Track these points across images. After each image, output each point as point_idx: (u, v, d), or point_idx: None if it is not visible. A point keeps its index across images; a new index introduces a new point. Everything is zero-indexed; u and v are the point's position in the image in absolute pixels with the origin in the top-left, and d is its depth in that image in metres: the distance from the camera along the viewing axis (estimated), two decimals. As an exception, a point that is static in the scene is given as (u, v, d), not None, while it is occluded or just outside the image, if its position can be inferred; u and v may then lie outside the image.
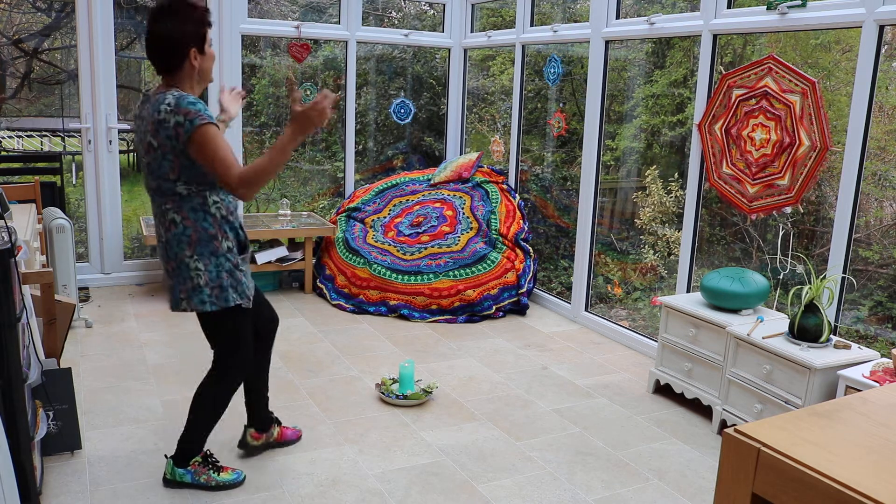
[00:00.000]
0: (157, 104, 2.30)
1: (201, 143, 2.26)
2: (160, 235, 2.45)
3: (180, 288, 2.43)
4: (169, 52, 2.34)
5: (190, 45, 2.35)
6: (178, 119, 2.26)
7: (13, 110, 6.20)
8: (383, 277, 4.76)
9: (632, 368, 3.96)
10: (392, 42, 5.99)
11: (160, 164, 2.33)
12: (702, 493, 2.73)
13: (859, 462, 0.78)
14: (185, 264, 2.40)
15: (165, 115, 2.27)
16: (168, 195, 2.38)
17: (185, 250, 2.39)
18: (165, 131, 2.28)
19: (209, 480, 2.62)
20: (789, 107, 3.24)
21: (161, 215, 2.42)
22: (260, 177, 2.28)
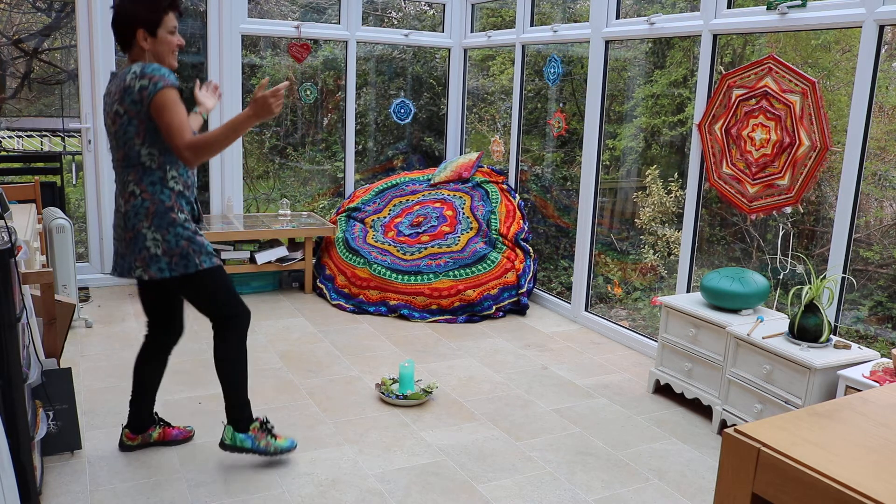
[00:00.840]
0: (124, 75, 2.41)
1: (161, 104, 2.36)
2: (119, 206, 2.53)
3: (135, 257, 2.49)
4: (120, 29, 2.45)
5: (137, 26, 2.42)
6: (143, 83, 2.36)
7: (13, 110, 6.20)
8: (383, 277, 4.76)
9: (632, 368, 3.96)
10: (392, 42, 5.99)
11: (125, 129, 2.42)
12: (702, 493, 2.73)
13: (859, 462, 0.78)
14: (143, 235, 2.47)
15: (130, 81, 2.37)
16: (132, 166, 2.46)
17: (143, 221, 2.46)
18: (130, 96, 2.37)
19: (268, 446, 2.72)
20: (789, 107, 3.24)
21: (122, 186, 2.50)
22: (207, 147, 2.40)
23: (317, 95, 5.62)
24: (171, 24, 2.49)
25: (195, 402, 3.33)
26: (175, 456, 2.84)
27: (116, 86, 2.43)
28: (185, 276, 2.52)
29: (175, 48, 2.53)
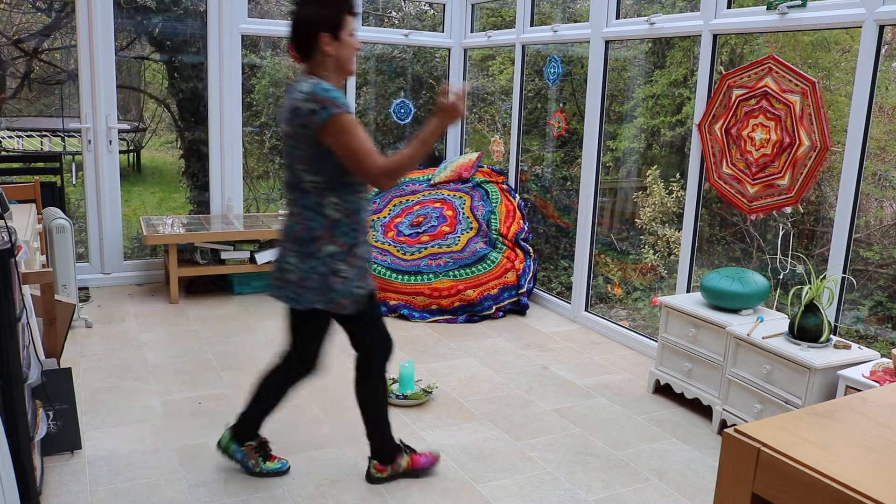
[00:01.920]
0: (293, 91, 2.30)
1: (337, 131, 2.24)
2: (287, 227, 2.44)
3: (297, 286, 2.39)
4: (302, 36, 2.31)
5: (321, 30, 2.29)
6: (312, 107, 2.23)
7: (13, 110, 6.20)
8: (383, 277, 4.76)
9: (632, 368, 3.96)
10: (392, 42, 5.99)
11: (292, 152, 2.33)
12: (702, 493, 2.73)
13: (859, 462, 0.78)
14: (286, 258, 2.41)
15: (300, 103, 2.25)
16: (296, 188, 2.37)
17: (289, 244, 2.40)
18: (299, 118, 2.26)
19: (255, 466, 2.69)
20: (789, 107, 3.24)
21: (293, 205, 2.40)
22: (403, 167, 2.29)
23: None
24: (352, 26, 2.36)
25: (195, 402, 3.33)
26: (175, 456, 2.84)
27: (287, 102, 2.32)
28: (298, 311, 2.43)
29: (356, 51, 2.41)
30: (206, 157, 5.37)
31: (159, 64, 6.19)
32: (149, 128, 7.59)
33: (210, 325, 4.37)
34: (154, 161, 8.12)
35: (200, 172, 5.79)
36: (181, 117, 6.02)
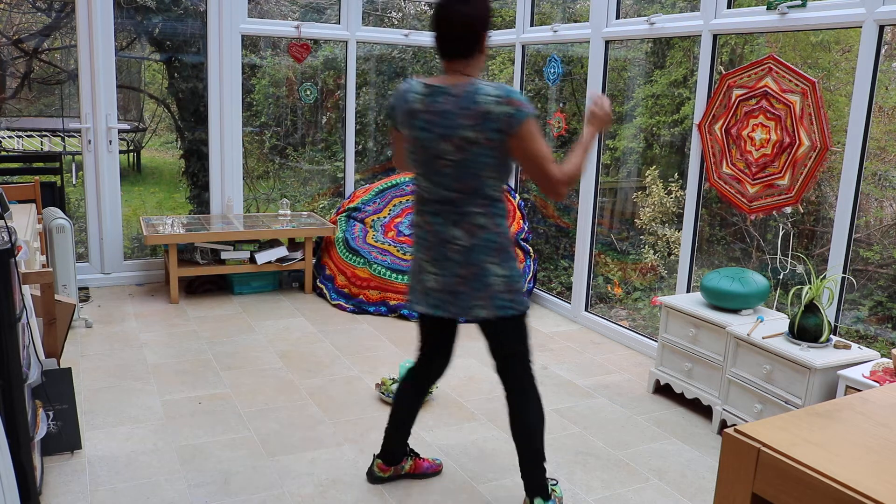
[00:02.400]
0: (472, 94, 2.13)
1: (528, 135, 2.14)
2: (456, 239, 2.24)
3: (477, 295, 2.27)
4: (471, 35, 2.17)
5: (486, 29, 2.21)
6: (508, 110, 2.11)
7: (13, 110, 6.20)
8: (383, 277, 4.76)
9: (632, 368, 3.96)
10: (392, 42, 5.99)
11: (476, 160, 2.16)
12: (702, 493, 2.73)
13: (859, 462, 0.78)
14: (489, 270, 2.25)
15: (490, 106, 2.11)
16: (479, 196, 2.21)
17: (492, 256, 2.24)
18: (493, 123, 2.12)
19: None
20: (789, 107, 3.24)
21: (460, 217, 2.23)
22: (579, 175, 2.23)
23: (317, 95, 5.63)
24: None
25: (195, 402, 3.33)
26: (175, 456, 2.84)
27: (459, 105, 2.14)
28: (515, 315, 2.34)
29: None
30: (206, 157, 5.37)
31: (159, 64, 6.19)
32: (149, 128, 7.59)
33: (210, 325, 4.37)
34: (154, 161, 8.13)
35: (200, 172, 5.79)
36: (181, 117, 6.03)
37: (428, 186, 2.27)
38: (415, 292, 2.40)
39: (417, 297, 2.39)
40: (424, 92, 2.22)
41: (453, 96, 2.17)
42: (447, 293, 2.30)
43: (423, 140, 2.22)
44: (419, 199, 2.33)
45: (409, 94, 2.26)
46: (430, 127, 2.20)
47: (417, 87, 2.25)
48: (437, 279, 2.30)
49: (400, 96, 2.29)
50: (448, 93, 2.18)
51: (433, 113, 2.19)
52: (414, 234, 2.38)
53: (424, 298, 2.36)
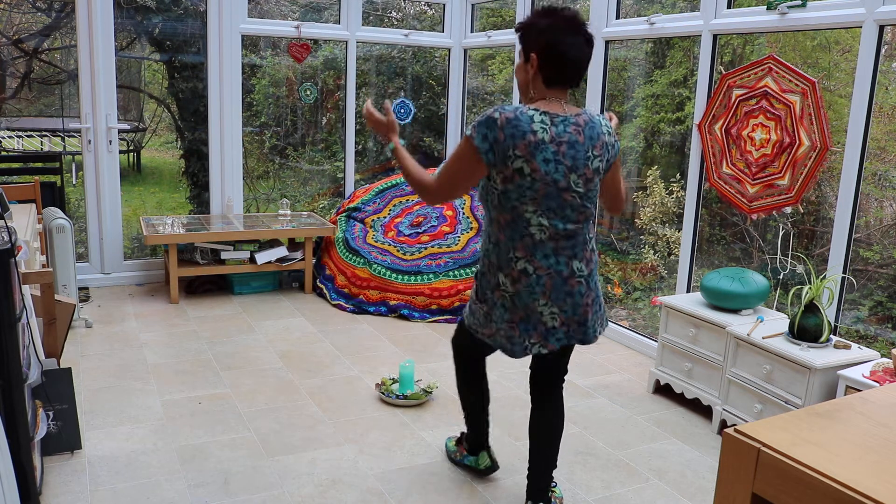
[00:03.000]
0: (597, 126, 2.18)
1: (618, 165, 2.30)
2: (575, 270, 2.21)
3: (597, 317, 2.30)
4: (586, 68, 2.23)
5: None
6: (614, 141, 2.23)
7: (13, 110, 6.20)
8: (383, 277, 4.76)
9: (632, 368, 3.96)
10: (392, 42, 5.99)
11: (598, 189, 2.23)
12: (702, 493, 2.73)
13: (859, 462, 0.78)
14: (600, 292, 2.33)
15: (609, 138, 2.21)
16: (591, 222, 2.26)
17: (597, 277, 2.32)
18: (609, 154, 2.21)
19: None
20: (789, 107, 3.24)
21: (582, 246, 2.22)
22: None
23: (317, 95, 5.63)
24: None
25: (195, 402, 3.33)
26: (175, 456, 2.84)
27: (590, 136, 2.15)
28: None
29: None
30: (206, 157, 5.37)
31: (159, 64, 6.19)
32: (149, 128, 7.59)
33: (210, 325, 4.37)
34: (154, 161, 8.13)
35: (200, 172, 5.79)
36: (181, 117, 6.03)
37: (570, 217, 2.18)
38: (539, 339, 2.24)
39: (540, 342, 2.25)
40: (555, 119, 2.12)
41: (584, 125, 2.16)
42: (574, 323, 2.25)
43: (561, 170, 2.11)
44: (535, 250, 2.17)
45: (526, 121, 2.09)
46: (564, 157, 2.11)
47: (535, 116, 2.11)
48: (561, 312, 2.22)
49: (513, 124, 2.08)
50: (573, 121, 2.15)
51: (564, 143, 2.11)
52: (522, 281, 2.18)
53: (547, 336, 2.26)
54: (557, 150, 2.10)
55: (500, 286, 2.22)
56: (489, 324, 2.30)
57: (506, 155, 2.08)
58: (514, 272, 2.18)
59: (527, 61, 2.17)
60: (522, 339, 2.23)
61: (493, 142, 2.08)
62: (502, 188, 2.13)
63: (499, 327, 2.26)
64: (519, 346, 2.24)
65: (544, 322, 2.21)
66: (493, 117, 2.08)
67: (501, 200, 2.15)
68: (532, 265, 2.17)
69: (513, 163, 2.08)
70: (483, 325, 2.33)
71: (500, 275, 2.21)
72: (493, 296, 2.25)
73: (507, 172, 2.10)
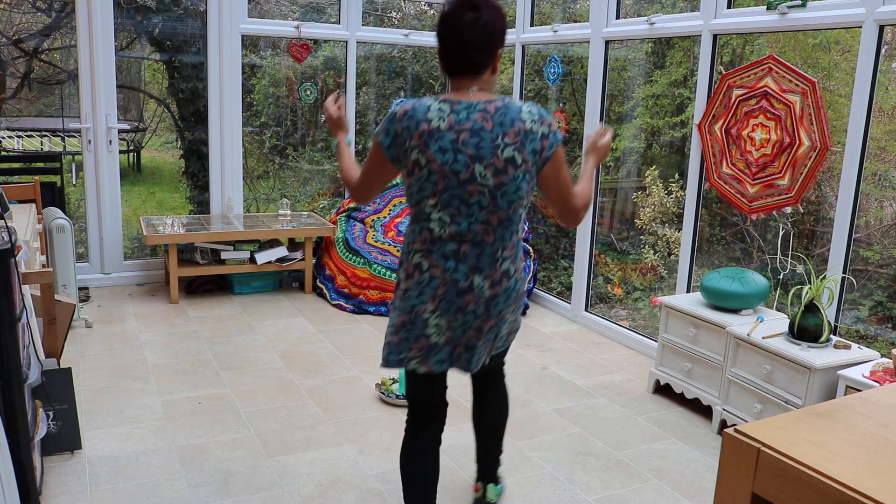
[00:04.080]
0: (512, 112, 1.93)
1: (560, 161, 1.98)
2: (478, 288, 1.98)
3: (485, 347, 2.09)
4: (490, 46, 1.95)
5: (502, 46, 2.00)
6: (544, 130, 1.94)
7: (13, 110, 6.20)
8: (383, 277, 4.76)
9: (632, 368, 3.96)
10: (392, 42, 5.99)
11: (517, 184, 1.93)
12: (702, 493, 2.73)
13: (859, 462, 0.78)
14: (506, 321, 2.09)
15: (532, 125, 1.92)
16: (509, 232, 1.99)
17: (513, 305, 2.07)
18: (532, 144, 1.92)
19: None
20: (789, 107, 3.24)
21: (493, 262, 1.98)
22: (589, 203, 2.08)
23: (317, 95, 5.63)
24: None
25: (195, 402, 3.33)
26: (175, 456, 2.84)
27: (499, 123, 1.91)
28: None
29: None
30: (206, 157, 5.37)
31: (159, 64, 6.19)
32: (149, 128, 7.59)
33: (210, 325, 4.37)
34: (154, 161, 8.13)
35: (200, 172, 5.79)
36: (181, 117, 6.03)
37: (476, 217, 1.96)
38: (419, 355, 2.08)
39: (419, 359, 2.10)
40: (452, 107, 1.94)
41: (490, 112, 1.94)
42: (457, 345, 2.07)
43: (457, 163, 1.91)
44: (433, 246, 1.99)
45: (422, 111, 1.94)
46: (463, 147, 1.91)
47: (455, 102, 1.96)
48: (451, 330, 2.04)
49: (409, 115, 1.95)
50: (476, 108, 1.94)
51: (463, 131, 1.92)
52: (414, 277, 2.02)
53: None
54: (457, 138, 1.90)
55: (398, 285, 2.08)
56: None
57: (403, 147, 1.95)
58: (410, 266, 2.02)
59: None
60: (400, 348, 2.06)
61: (393, 136, 1.96)
62: (407, 183, 2.00)
63: (387, 331, 2.11)
64: (394, 355, 2.07)
65: (427, 334, 2.01)
66: (393, 112, 1.97)
67: (408, 194, 2.02)
68: (428, 261, 1.99)
69: (410, 154, 1.94)
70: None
71: (400, 270, 2.07)
72: (395, 291, 2.11)
73: (408, 166, 1.96)
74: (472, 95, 1.96)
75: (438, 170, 1.92)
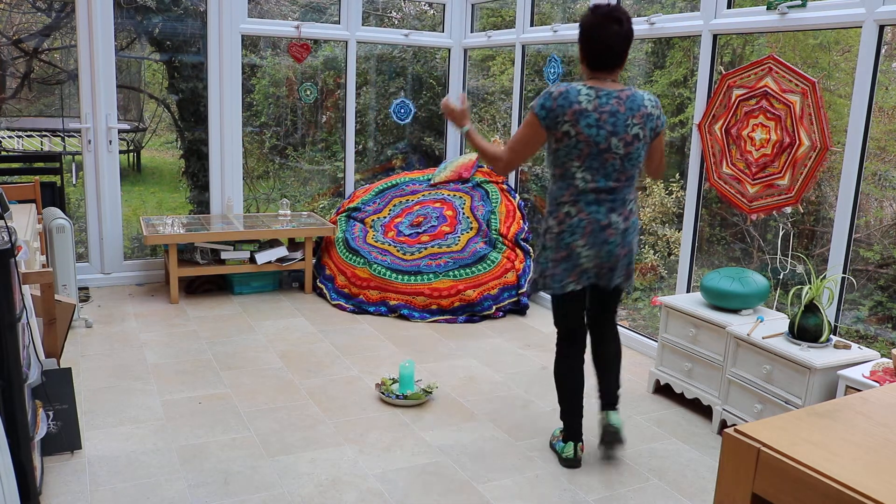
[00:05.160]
0: (639, 99, 2.61)
1: (663, 135, 2.74)
2: (612, 223, 2.63)
3: (624, 270, 2.74)
4: (627, 51, 2.60)
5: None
6: (658, 113, 2.67)
7: (13, 110, 6.20)
8: (383, 277, 4.76)
9: (632, 368, 3.96)
10: (392, 42, 5.99)
11: (639, 153, 2.63)
12: (702, 493, 2.73)
13: (859, 462, 0.78)
14: (634, 250, 2.76)
15: (652, 110, 2.64)
16: (633, 187, 2.68)
17: (637, 237, 2.75)
18: (651, 124, 2.63)
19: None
20: (789, 107, 3.24)
21: (621, 204, 2.65)
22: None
23: (317, 95, 5.63)
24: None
25: (195, 402, 3.33)
26: (175, 456, 2.84)
27: (630, 107, 2.58)
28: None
29: None
30: (206, 157, 5.37)
31: (159, 64, 6.19)
32: (149, 128, 7.59)
33: (210, 325, 4.37)
34: (154, 161, 8.12)
35: (200, 172, 5.79)
36: (181, 117, 6.03)
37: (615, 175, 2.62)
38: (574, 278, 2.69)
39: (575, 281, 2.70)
40: (597, 94, 2.57)
41: (625, 99, 2.58)
42: (601, 268, 2.69)
43: (602, 135, 2.56)
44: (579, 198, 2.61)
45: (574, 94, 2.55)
46: (603, 124, 2.55)
47: (583, 90, 2.57)
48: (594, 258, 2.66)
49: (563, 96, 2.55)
50: (615, 96, 2.58)
51: (605, 112, 2.55)
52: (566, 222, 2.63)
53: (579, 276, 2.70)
54: (599, 117, 2.54)
55: (549, 230, 2.69)
56: (535, 268, 2.76)
57: (556, 121, 2.55)
58: (561, 214, 2.64)
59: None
60: (561, 277, 2.68)
61: (548, 110, 2.56)
62: (555, 147, 2.61)
63: (543, 268, 2.71)
64: (556, 282, 2.69)
65: (580, 263, 2.66)
66: (549, 91, 2.57)
67: (555, 158, 2.63)
68: (575, 208, 2.62)
69: (561, 126, 2.55)
70: (533, 269, 2.79)
71: (551, 219, 2.68)
72: (545, 239, 2.71)
73: (558, 135, 2.57)
74: (610, 85, 2.60)
75: (584, 140, 2.56)
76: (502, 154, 2.70)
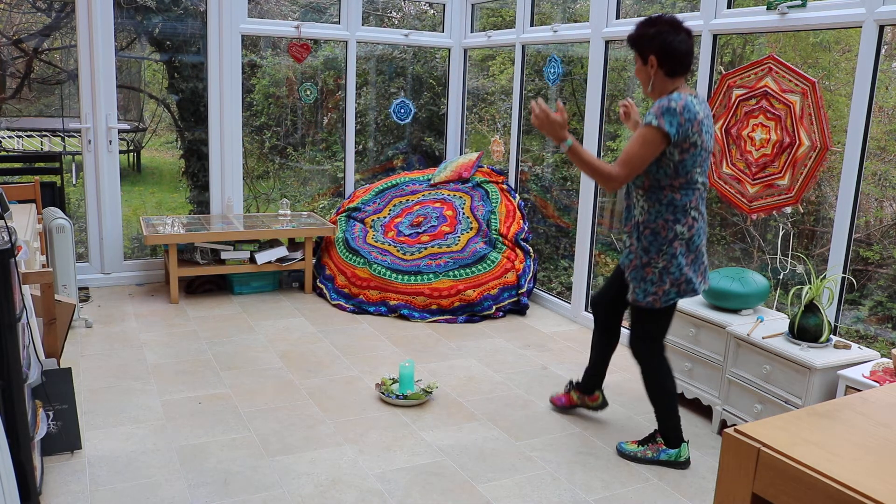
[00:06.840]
0: (705, 101, 2.77)
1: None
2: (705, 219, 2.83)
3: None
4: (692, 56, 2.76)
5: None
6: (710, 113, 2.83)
7: (13, 110, 6.20)
8: (383, 277, 4.76)
9: (632, 368, 3.95)
10: (392, 42, 5.99)
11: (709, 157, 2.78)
12: (702, 493, 2.73)
13: (859, 462, 0.78)
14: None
15: (708, 111, 2.77)
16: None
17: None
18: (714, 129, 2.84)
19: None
20: (789, 107, 3.24)
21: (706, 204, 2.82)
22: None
23: (317, 95, 5.63)
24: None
25: (195, 402, 3.33)
26: (175, 456, 2.85)
27: (707, 111, 2.73)
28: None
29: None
30: (206, 157, 5.37)
31: (159, 64, 6.19)
32: (149, 128, 7.59)
33: (210, 325, 4.37)
34: (154, 161, 8.13)
35: (200, 172, 5.79)
36: (181, 117, 6.03)
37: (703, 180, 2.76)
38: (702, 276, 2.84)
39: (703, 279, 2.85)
40: (698, 99, 2.70)
41: (705, 105, 2.73)
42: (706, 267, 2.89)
43: (706, 139, 2.70)
44: (700, 200, 2.76)
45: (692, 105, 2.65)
46: (706, 128, 2.70)
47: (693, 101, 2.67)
48: (705, 257, 2.85)
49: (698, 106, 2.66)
50: (702, 102, 2.72)
51: (706, 118, 2.70)
52: (695, 226, 2.75)
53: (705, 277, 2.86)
54: (707, 123, 2.71)
55: (678, 236, 2.73)
56: (662, 281, 2.76)
57: (687, 134, 2.63)
58: (689, 220, 2.73)
59: (645, 63, 2.72)
60: (697, 280, 2.80)
61: (678, 125, 2.61)
62: (679, 159, 2.66)
63: (677, 277, 2.75)
64: (693, 286, 2.78)
65: (704, 262, 2.82)
66: (671, 107, 2.61)
67: (678, 169, 2.67)
68: (698, 212, 2.76)
69: (690, 138, 2.64)
70: (656, 284, 2.77)
71: (678, 226, 2.72)
72: (672, 248, 2.73)
73: (685, 146, 2.64)
74: (689, 89, 2.74)
75: (704, 147, 2.70)
76: (618, 173, 2.67)
